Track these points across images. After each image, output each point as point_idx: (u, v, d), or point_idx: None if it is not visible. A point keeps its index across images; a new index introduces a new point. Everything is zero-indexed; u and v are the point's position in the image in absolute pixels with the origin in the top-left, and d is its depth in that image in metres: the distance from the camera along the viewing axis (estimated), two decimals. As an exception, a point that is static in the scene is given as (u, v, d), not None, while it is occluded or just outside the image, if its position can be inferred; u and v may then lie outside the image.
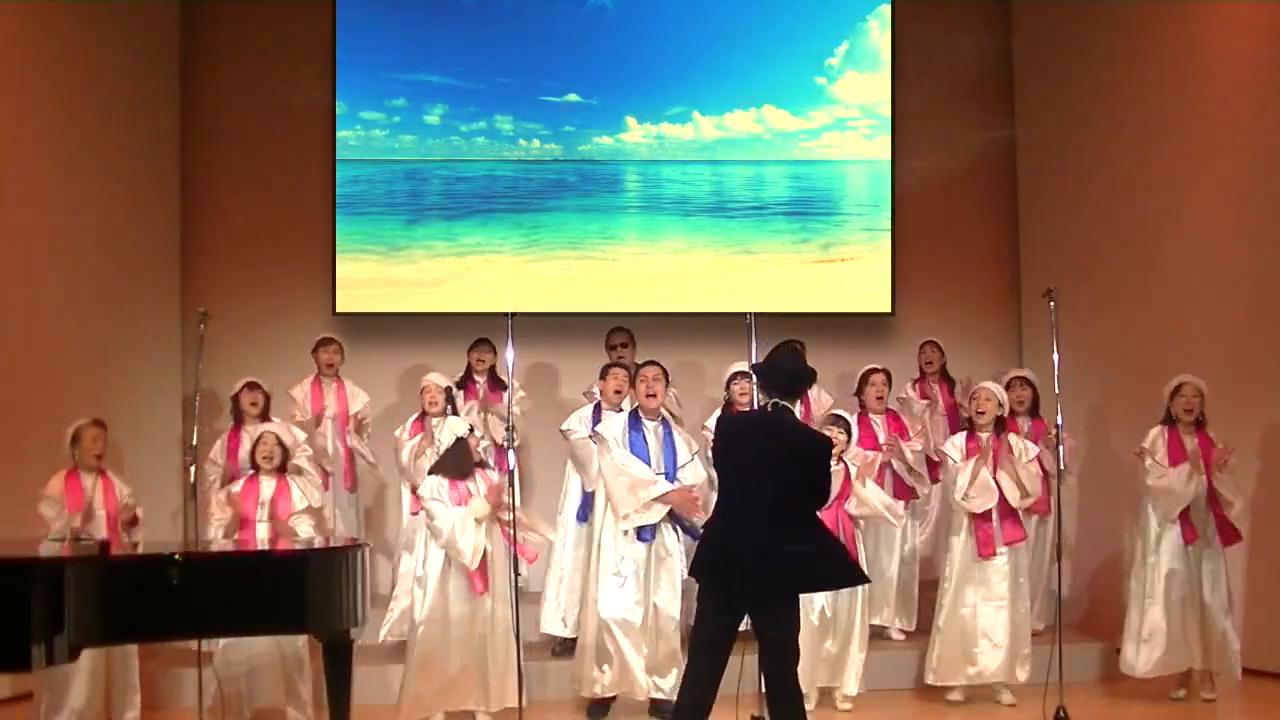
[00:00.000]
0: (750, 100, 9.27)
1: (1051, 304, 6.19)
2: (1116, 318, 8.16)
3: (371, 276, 8.93)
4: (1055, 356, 6.17)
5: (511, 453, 5.92)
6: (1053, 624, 6.68)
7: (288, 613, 4.76)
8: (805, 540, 4.76)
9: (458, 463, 5.95)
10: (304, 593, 4.74)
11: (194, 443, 6.50)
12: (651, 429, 6.19)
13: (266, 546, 5.80)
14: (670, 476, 6.09)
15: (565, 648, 6.93)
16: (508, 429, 5.98)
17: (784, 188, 9.34)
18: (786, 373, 4.97)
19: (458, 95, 9.11)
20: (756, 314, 5.94)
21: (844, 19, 9.31)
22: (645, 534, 6.08)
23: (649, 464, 6.07)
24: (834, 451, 6.27)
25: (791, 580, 4.77)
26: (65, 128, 7.53)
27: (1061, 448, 6.19)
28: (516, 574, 6.01)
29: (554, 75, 9.15)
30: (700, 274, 9.11)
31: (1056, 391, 6.18)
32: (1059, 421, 6.16)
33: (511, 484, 5.94)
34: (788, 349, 5.01)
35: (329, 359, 7.72)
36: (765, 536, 4.68)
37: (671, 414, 6.84)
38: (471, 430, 6.10)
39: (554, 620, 6.97)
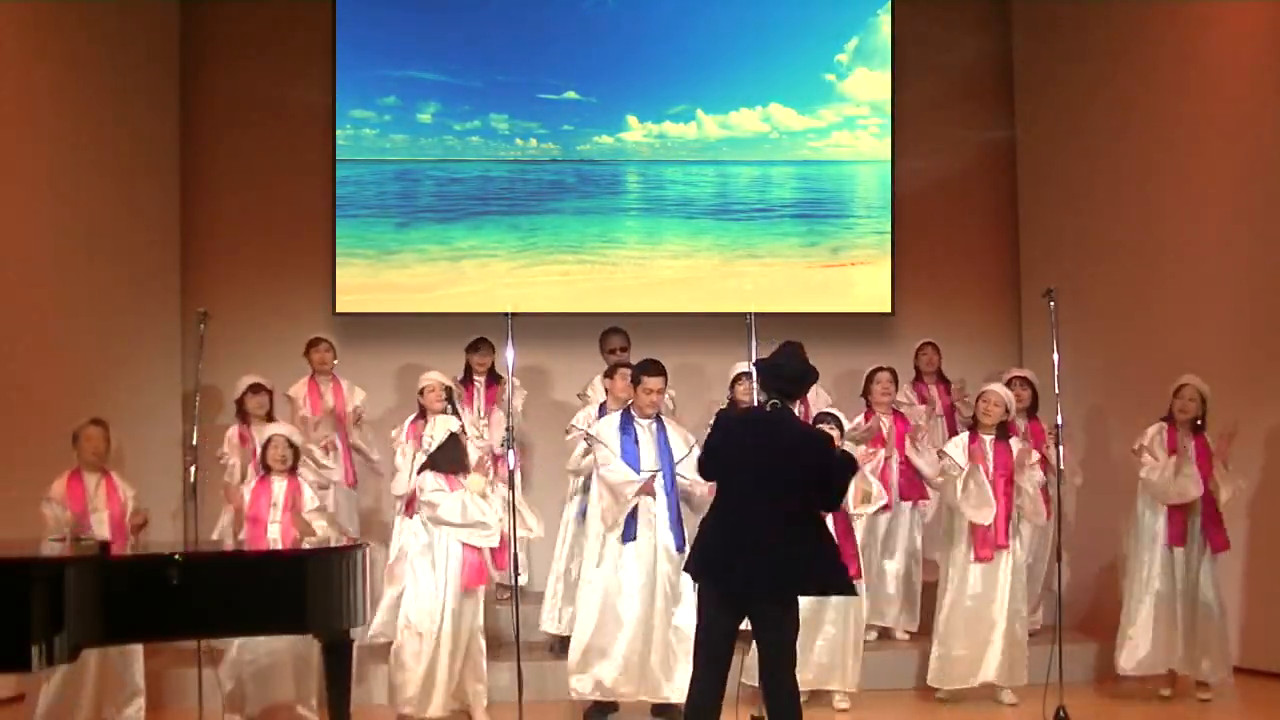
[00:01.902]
0: (756, 98, 9.06)
1: (1051, 304, 6.20)
2: (1116, 318, 8.16)
3: (362, 281, 8.76)
4: (1055, 356, 6.18)
5: (512, 453, 5.93)
6: (1052, 624, 6.68)
7: (288, 613, 4.76)
8: (803, 541, 4.74)
9: (451, 458, 6.03)
10: (304, 593, 4.75)
11: (194, 442, 6.50)
12: (644, 426, 6.19)
13: (281, 546, 5.84)
14: (667, 473, 6.11)
15: (564, 647, 6.94)
16: (508, 428, 5.98)
17: (791, 189, 9.12)
18: (790, 374, 4.94)
19: (451, 93, 8.87)
20: (756, 314, 5.96)
21: (854, 13, 9.08)
22: (627, 534, 6.09)
23: (641, 463, 6.08)
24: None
25: (788, 581, 4.73)
26: (65, 128, 7.53)
27: (1061, 448, 6.20)
28: (517, 573, 6.01)
29: (552, 72, 8.90)
30: (704, 279, 8.93)
31: (1057, 391, 6.19)
32: (1059, 421, 6.17)
33: (512, 485, 5.95)
34: (791, 349, 5.00)
35: (321, 358, 7.69)
36: (763, 535, 4.67)
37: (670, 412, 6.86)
38: (463, 428, 6.14)
39: (550, 618, 7.01)
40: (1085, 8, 8.61)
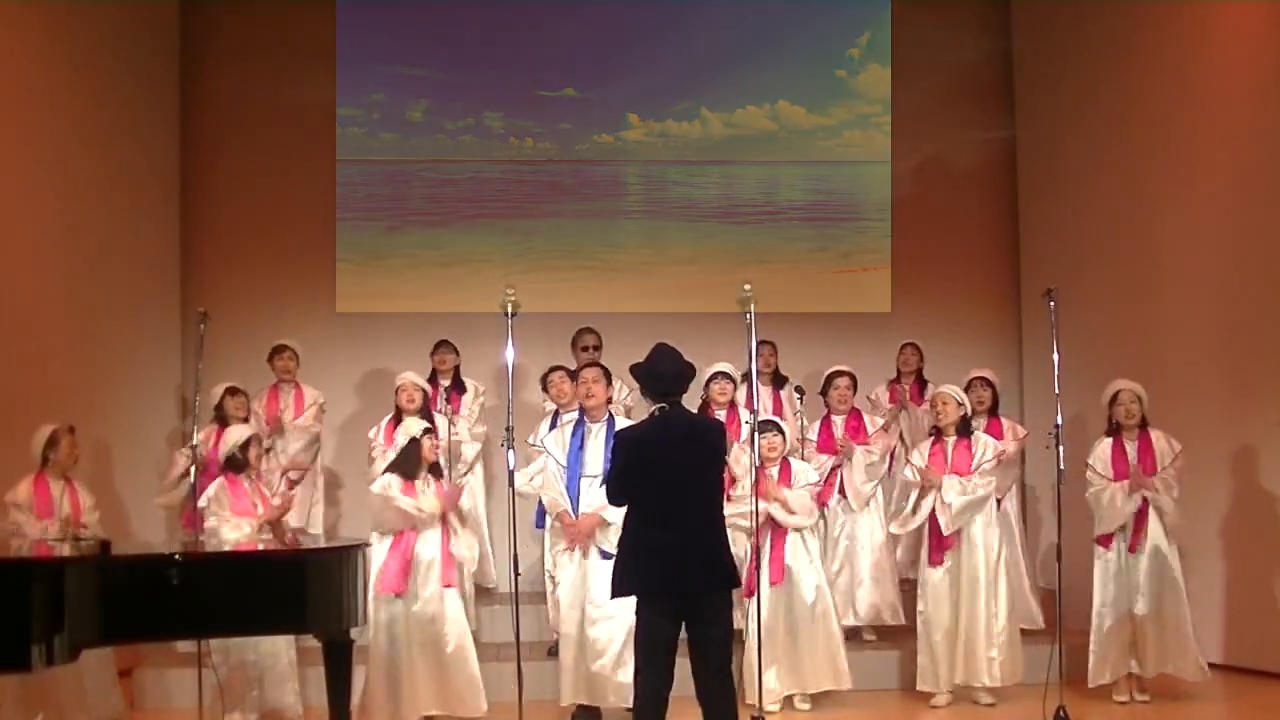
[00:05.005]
0: (763, 95, 8.85)
1: (1051, 304, 6.21)
2: (1116, 318, 8.17)
3: (349, 288, 8.61)
4: (1055, 356, 6.19)
5: (511, 454, 5.93)
6: (1047, 625, 6.69)
7: (288, 613, 4.78)
8: (723, 533, 4.91)
9: (407, 463, 6.00)
10: (304, 593, 4.77)
11: (194, 443, 6.50)
12: (594, 431, 6.13)
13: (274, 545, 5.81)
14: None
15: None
16: (507, 428, 5.98)
17: (800, 191, 8.92)
18: (668, 375, 4.95)
19: (443, 89, 8.63)
20: (756, 313, 5.96)
21: (865, 7, 8.86)
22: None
23: (585, 465, 6.05)
24: (773, 455, 6.41)
25: (728, 573, 4.85)
26: (65, 128, 7.54)
27: (1060, 449, 6.20)
28: (516, 574, 6.01)
29: (549, 68, 8.67)
30: (708, 285, 8.67)
31: (1057, 391, 6.19)
32: (1059, 421, 6.18)
33: (511, 485, 5.96)
34: (665, 351, 5.01)
35: (284, 366, 7.70)
36: (699, 533, 4.77)
37: (627, 412, 6.86)
38: (428, 431, 6.12)
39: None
40: (1085, 8, 8.62)
